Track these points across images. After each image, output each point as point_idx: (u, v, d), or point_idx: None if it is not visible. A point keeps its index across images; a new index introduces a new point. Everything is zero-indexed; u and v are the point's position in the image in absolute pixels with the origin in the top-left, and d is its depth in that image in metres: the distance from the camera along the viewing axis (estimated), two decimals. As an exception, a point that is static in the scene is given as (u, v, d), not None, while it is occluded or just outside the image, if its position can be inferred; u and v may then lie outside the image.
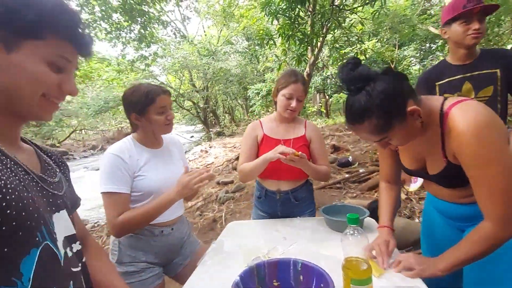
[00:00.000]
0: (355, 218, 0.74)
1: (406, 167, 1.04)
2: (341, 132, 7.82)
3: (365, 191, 3.75)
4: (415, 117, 0.81)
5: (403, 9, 10.35)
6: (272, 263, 0.81)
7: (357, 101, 0.79)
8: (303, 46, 5.05)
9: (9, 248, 0.46)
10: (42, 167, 0.62)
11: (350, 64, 0.81)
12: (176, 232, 1.28)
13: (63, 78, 0.56)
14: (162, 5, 8.23)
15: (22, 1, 0.48)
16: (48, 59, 0.52)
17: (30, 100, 0.53)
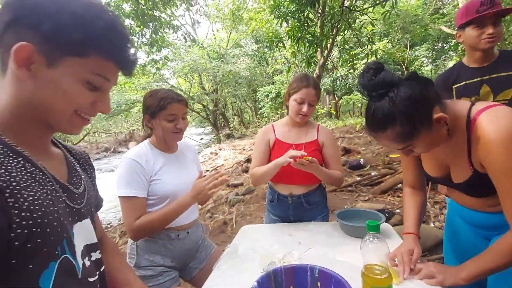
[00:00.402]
0: (375, 225, 0.73)
1: (429, 174, 1.00)
2: (351, 134, 7.74)
3: (377, 194, 3.68)
4: (442, 124, 0.77)
5: (414, 9, 10.19)
6: (289, 269, 0.81)
7: (379, 108, 0.76)
8: (313, 48, 5.03)
9: (33, 263, 0.46)
10: (69, 175, 0.62)
11: (372, 70, 0.77)
12: (192, 236, 1.30)
13: (98, 96, 0.55)
14: (173, 10, 8.36)
15: (71, 19, 0.47)
16: (86, 77, 0.51)
17: (62, 115, 0.53)
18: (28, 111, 0.50)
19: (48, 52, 0.47)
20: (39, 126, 0.53)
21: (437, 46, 12.35)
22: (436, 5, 10.92)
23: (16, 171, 0.46)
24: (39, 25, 0.45)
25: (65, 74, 0.49)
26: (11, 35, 0.46)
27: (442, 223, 2.73)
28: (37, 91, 0.49)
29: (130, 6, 7.56)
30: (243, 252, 1.15)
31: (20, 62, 0.46)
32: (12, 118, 0.50)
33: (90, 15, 0.48)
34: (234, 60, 14.78)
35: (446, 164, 0.93)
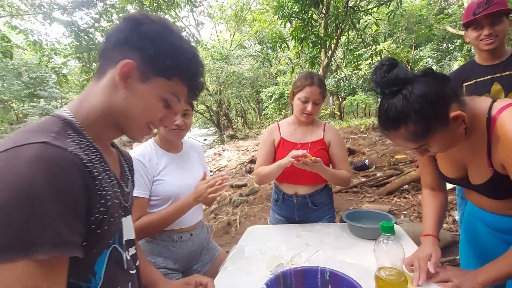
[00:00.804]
0: (389, 226, 0.70)
1: (444, 174, 0.95)
2: (356, 134, 7.69)
3: (383, 195, 3.64)
4: (459, 123, 0.73)
5: (419, 9, 10.13)
6: (299, 271, 0.78)
7: (392, 105, 0.72)
8: (317, 48, 5.00)
9: (96, 248, 0.52)
10: (121, 173, 0.69)
11: (385, 66, 0.74)
12: (196, 238, 1.27)
13: (168, 113, 0.64)
14: (177, 11, 8.39)
15: (169, 49, 0.58)
16: (166, 96, 0.60)
17: (137, 124, 0.61)
18: (112, 114, 0.58)
19: (144, 70, 0.57)
20: (113, 129, 0.61)
21: (442, 47, 12.27)
22: (441, 5, 10.85)
23: (96, 164, 0.54)
24: (144, 49, 0.56)
25: (151, 90, 0.59)
26: (118, 52, 0.56)
27: (450, 224, 2.68)
28: (126, 99, 0.58)
29: (135, 8, 7.60)
30: (249, 254, 1.13)
31: (122, 75, 0.56)
32: (97, 117, 0.58)
33: (182, 48, 0.59)
34: (237, 61, 14.79)
35: (463, 165, 0.89)
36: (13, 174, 0.40)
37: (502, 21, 1.31)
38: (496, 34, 1.31)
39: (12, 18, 7.72)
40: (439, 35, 11.13)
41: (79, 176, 0.46)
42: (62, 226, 0.42)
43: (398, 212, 3.13)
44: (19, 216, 0.39)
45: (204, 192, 1.05)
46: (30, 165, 0.41)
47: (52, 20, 7.40)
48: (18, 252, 0.39)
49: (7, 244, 0.38)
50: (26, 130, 0.48)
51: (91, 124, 0.57)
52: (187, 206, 1.09)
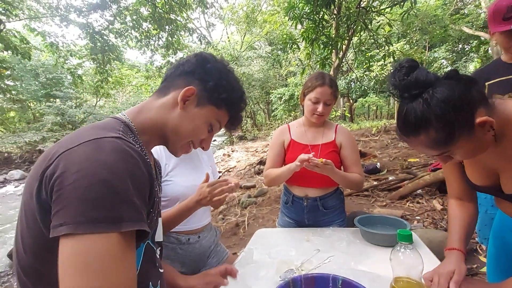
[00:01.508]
0: (408, 234, 0.66)
1: (473, 182, 0.88)
2: (367, 137, 7.56)
3: (395, 200, 3.55)
4: (486, 128, 0.68)
5: (434, 9, 9.90)
6: (310, 279, 0.76)
7: (412, 110, 0.67)
8: (328, 49, 4.95)
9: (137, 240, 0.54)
10: (157, 175, 0.76)
11: (404, 68, 0.69)
12: (203, 240, 1.25)
13: (208, 136, 0.74)
14: (188, 13, 8.48)
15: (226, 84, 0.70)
16: (212, 122, 0.71)
17: (182, 140, 0.70)
18: (164, 127, 0.68)
19: (201, 98, 0.68)
20: (159, 139, 0.70)
21: (457, 48, 11.95)
22: (456, 5, 10.57)
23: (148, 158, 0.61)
24: (206, 81, 0.68)
25: (203, 115, 0.69)
26: (183, 79, 0.69)
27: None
28: (180, 118, 0.67)
29: (148, 10, 7.73)
30: (258, 258, 1.10)
31: (183, 97, 0.66)
32: (151, 126, 0.67)
33: (236, 86, 0.72)
34: (247, 62, 14.82)
35: (494, 172, 0.82)
36: (101, 160, 0.47)
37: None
38: None
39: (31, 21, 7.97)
40: (454, 36, 10.83)
41: (145, 167, 0.53)
42: (138, 204, 0.49)
43: (411, 218, 3.04)
44: (109, 193, 0.45)
45: (207, 195, 1.01)
46: (113, 153, 0.49)
47: (68, 22, 7.60)
48: (111, 225, 0.45)
49: (100, 218, 0.44)
50: (96, 127, 0.57)
51: (144, 130, 0.66)
52: (190, 209, 1.05)
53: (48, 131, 13.11)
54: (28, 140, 11.79)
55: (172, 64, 0.75)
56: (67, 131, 14.17)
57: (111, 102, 17.17)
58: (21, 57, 6.77)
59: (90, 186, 0.44)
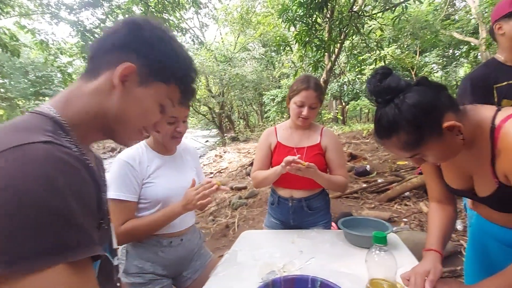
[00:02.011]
0: (382, 237, 0.68)
1: (450, 186, 0.91)
2: (358, 140, 7.64)
3: (384, 202, 3.60)
4: (455, 132, 0.71)
5: (425, 15, 10.07)
6: (289, 280, 0.76)
7: (385, 114, 0.72)
8: (320, 52, 4.99)
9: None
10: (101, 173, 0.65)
11: (378, 75, 0.74)
12: (187, 243, 1.23)
13: (162, 118, 0.62)
14: (181, 13, 8.44)
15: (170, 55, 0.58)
16: (163, 101, 0.60)
17: (131, 128, 0.59)
18: (103, 118, 0.55)
19: (144, 74, 0.56)
20: (100, 132, 0.58)
21: (448, 53, 12.19)
22: (447, 11, 10.79)
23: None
24: (146, 54, 0.55)
25: (150, 95, 0.57)
26: (116, 55, 0.54)
27: (451, 234, 2.64)
28: (122, 103, 0.55)
29: (140, 9, 7.66)
30: (242, 260, 1.10)
31: (121, 77, 0.53)
32: (86, 119, 0.54)
33: (182, 55, 0.60)
34: (241, 63, 14.82)
35: (469, 175, 0.85)
36: (31, 174, 0.37)
37: None
38: None
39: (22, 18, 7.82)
40: (445, 41, 11.04)
41: (89, 174, 0.45)
42: (86, 225, 0.41)
43: (399, 220, 3.08)
44: (48, 217, 0.36)
45: (193, 199, 1.02)
46: (46, 164, 0.38)
47: (59, 19, 7.48)
48: (54, 257, 0.36)
49: (41, 250, 0.35)
50: (15, 128, 0.44)
51: (77, 125, 0.53)
52: (175, 214, 1.06)
53: (36, 129, 12.83)
54: (16, 138, 11.52)
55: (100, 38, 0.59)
56: (56, 130, 13.86)
57: (103, 101, 16.97)
58: (11, 54, 6.62)
59: (19, 210, 0.35)
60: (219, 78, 14.29)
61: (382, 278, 0.68)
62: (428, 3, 10.89)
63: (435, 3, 11.29)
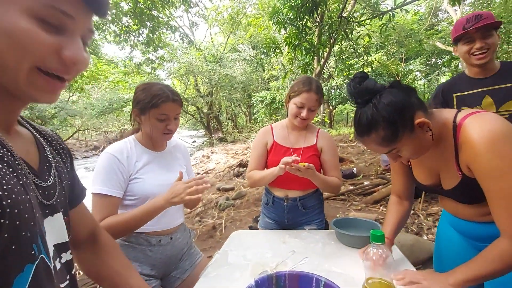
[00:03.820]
0: (380, 235, 0.67)
1: (420, 182, 1.00)
2: (345, 143, 7.77)
3: (370, 204, 3.66)
4: (425, 129, 0.81)
5: (410, 24, 10.41)
6: (294, 275, 0.75)
7: (364, 113, 0.81)
8: (310, 56, 5.04)
9: (8, 265, 0.38)
10: (41, 160, 0.52)
11: (357, 78, 0.84)
12: (176, 242, 1.19)
13: (62, 41, 0.41)
14: (171, 10, 8.32)
15: None
16: (37, 12, 0.38)
17: (16, 72, 0.39)
18: None
19: None
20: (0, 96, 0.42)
21: (431, 61, 12.62)
22: (431, 21, 11.19)
23: None
24: None
25: (5, 8, 0.36)
26: None
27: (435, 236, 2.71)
28: None
29: (128, 4, 7.49)
30: (233, 260, 1.07)
31: None
32: None
33: None
34: (230, 64, 14.77)
35: (436, 172, 0.94)
36: None
37: (492, 34, 1.34)
38: (487, 47, 1.33)
39: None
40: (428, 50, 11.44)
41: None
42: None
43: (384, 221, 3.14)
44: None
45: (181, 192, 0.96)
46: None
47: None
48: None
49: None
50: None
51: None
52: (157, 209, 0.98)
53: (14, 125, 12.27)
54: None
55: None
56: (36, 126, 13.29)
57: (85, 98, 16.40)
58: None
59: None
60: (208, 78, 14.18)
61: (379, 276, 0.67)
62: (413, 13, 11.27)
63: (420, 13, 11.70)
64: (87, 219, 0.70)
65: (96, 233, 0.72)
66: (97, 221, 0.75)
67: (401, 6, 4.83)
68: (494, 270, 0.73)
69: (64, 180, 0.57)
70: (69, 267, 0.54)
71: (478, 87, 1.40)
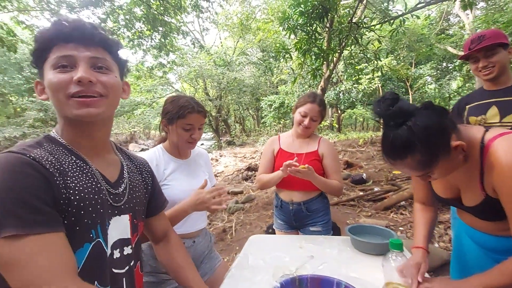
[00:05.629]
0: (399, 244, 0.72)
1: (438, 195, 1.02)
2: (354, 148, 7.74)
3: (380, 210, 3.65)
4: (459, 151, 0.79)
5: (421, 28, 10.35)
6: (316, 279, 0.80)
7: (398, 137, 0.77)
8: (319, 61, 5.08)
9: (69, 238, 0.56)
10: (119, 176, 0.73)
11: (388, 100, 0.80)
12: (198, 245, 1.26)
13: (73, 72, 0.61)
14: (183, 16, 8.49)
15: None
16: (52, 65, 0.61)
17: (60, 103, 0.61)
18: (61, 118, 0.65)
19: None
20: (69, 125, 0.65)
21: (442, 66, 12.49)
22: (442, 25, 11.10)
23: (67, 163, 0.61)
24: None
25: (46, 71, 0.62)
26: None
27: (447, 243, 2.70)
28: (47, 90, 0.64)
29: (142, 10, 7.68)
30: (254, 262, 1.13)
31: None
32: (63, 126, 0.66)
33: None
34: (239, 68, 14.91)
35: (457, 187, 0.95)
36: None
37: (497, 52, 1.40)
38: (492, 65, 1.41)
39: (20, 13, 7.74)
40: (439, 55, 11.35)
41: (33, 170, 0.54)
42: (21, 210, 0.50)
43: (395, 228, 3.14)
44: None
45: (207, 202, 1.05)
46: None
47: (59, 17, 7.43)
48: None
49: None
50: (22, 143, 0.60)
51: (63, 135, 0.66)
52: (186, 213, 1.08)
53: (29, 126, 12.64)
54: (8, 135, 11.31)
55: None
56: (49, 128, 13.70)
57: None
58: (7, 49, 6.54)
59: None
60: (217, 82, 14.34)
61: (398, 282, 0.72)
62: (424, 18, 11.21)
63: (430, 17, 11.61)
64: (164, 223, 0.94)
65: (169, 233, 0.95)
66: (170, 225, 0.97)
67: (411, 11, 4.84)
68: (508, 283, 0.75)
69: (137, 192, 0.77)
70: (129, 259, 0.70)
71: (488, 98, 1.46)
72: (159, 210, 0.91)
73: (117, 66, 0.69)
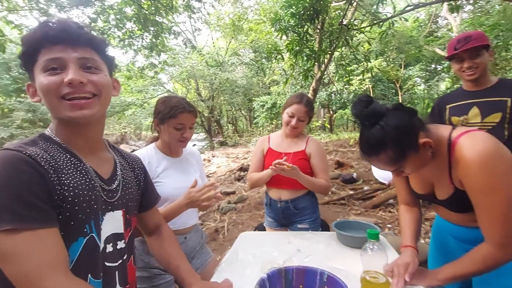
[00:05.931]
0: (375, 233, 0.77)
1: (415, 191, 1.10)
2: (345, 148, 7.85)
3: (369, 208, 3.74)
4: (427, 148, 0.87)
5: (410, 30, 10.55)
6: (301, 270, 0.85)
7: (372, 135, 0.85)
8: (311, 62, 5.15)
9: (64, 232, 0.60)
10: (112, 173, 0.76)
11: (363, 102, 0.88)
12: (189, 242, 1.30)
13: (63, 74, 0.63)
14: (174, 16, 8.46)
15: None
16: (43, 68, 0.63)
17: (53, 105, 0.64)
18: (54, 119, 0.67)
19: None
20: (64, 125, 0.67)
21: (430, 67, 12.75)
22: (431, 28, 11.35)
23: (61, 161, 0.64)
24: None
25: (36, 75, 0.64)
26: None
27: (431, 239, 2.79)
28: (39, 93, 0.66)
29: (133, 10, 7.63)
30: (243, 257, 1.17)
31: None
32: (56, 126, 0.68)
33: None
34: (231, 68, 14.93)
35: (430, 182, 1.02)
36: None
37: (481, 54, 1.44)
38: (476, 66, 1.45)
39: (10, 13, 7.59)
40: (428, 56, 11.58)
41: (29, 167, 0.56)
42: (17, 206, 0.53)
43: (383, 226, 3.22)
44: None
45: (198, 199, 1.10)
46: None
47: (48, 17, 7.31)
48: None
49: None
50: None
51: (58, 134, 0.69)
52: (179, 209, 1.13)
53: (17, 127, 12.39)
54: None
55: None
56: (37, 129, 13.43)
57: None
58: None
59: None
60: (209, 82, 14.32)
61: (375, 270, 0.77)
62: (413, 20, 11.44)
63: (419, 20, 11.86)
64: (156, 217, 0.98)
65: (161, 226, 0.99)
66: (163, 218, 1.01)
67: (400, 14, 4.95)
68: (477, 270, 0.85)
69: (130, 188, 0.80)
70: (122, 253, 0.74)
71: (469, 98, 1.51)
72: (152, 205, 0.95)
73: (106, 65, 0.70)
